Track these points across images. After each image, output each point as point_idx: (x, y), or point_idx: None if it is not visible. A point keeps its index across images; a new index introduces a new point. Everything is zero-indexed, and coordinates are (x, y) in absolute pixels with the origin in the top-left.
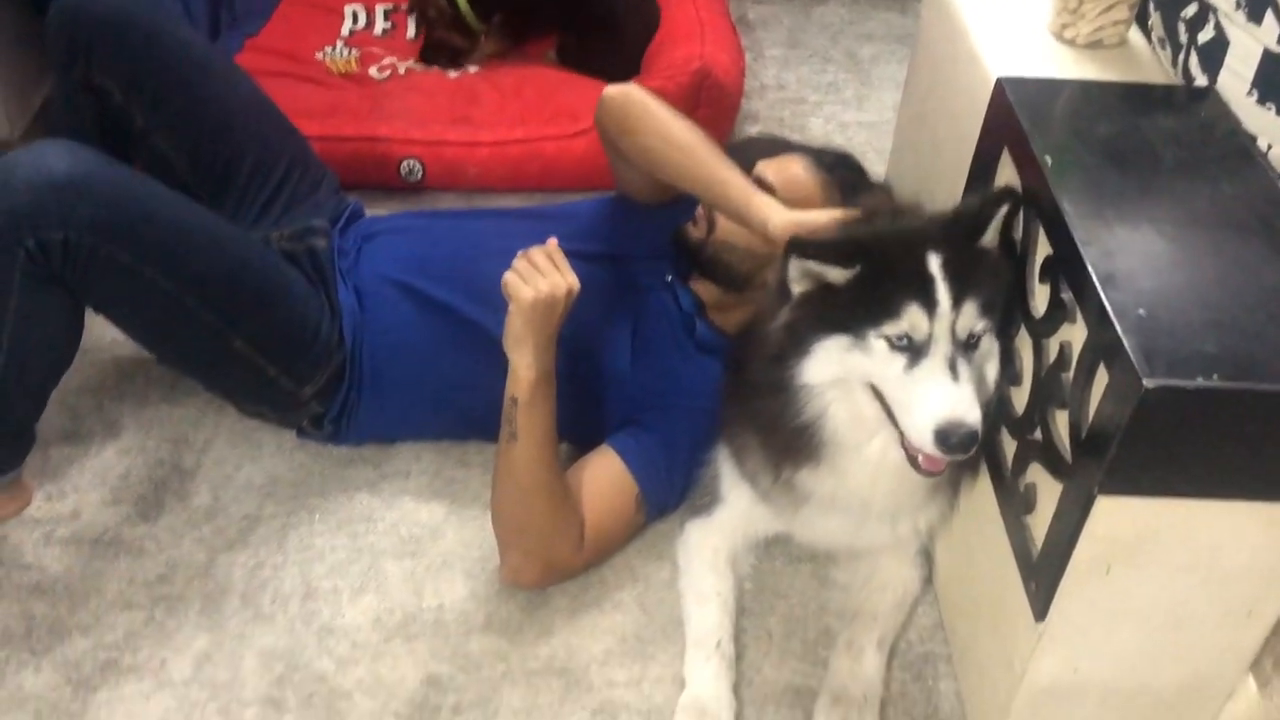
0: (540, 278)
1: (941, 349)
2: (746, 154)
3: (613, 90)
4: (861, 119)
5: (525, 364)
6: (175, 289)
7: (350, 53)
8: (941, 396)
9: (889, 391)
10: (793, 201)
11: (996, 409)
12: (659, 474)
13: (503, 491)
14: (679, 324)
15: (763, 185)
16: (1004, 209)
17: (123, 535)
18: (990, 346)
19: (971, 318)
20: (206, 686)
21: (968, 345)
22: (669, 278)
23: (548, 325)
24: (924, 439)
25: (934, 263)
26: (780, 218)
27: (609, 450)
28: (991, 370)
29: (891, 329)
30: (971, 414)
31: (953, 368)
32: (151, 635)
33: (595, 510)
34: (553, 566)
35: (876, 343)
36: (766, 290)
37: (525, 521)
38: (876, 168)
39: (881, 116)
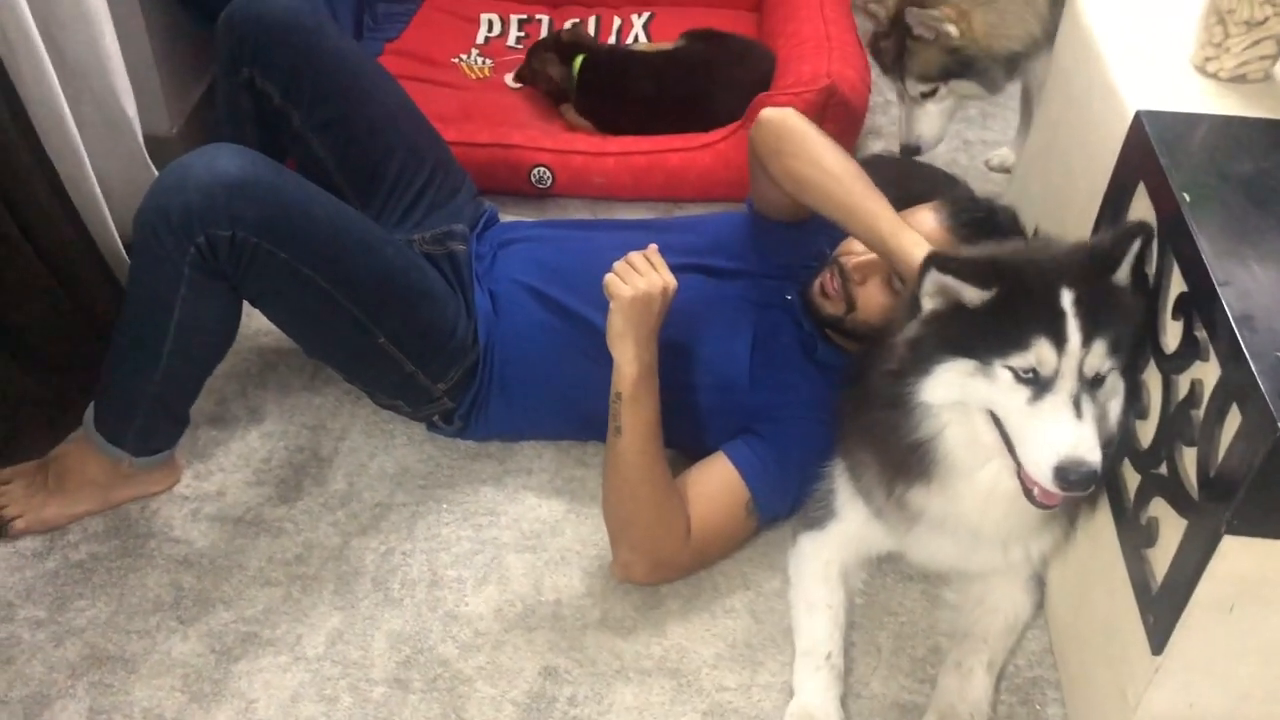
0: (638, 276)
1: (1067, 385)
2: (873, 173)
3: (771, 113)
4: (986, 137)
5: (627, 359)
6: (328, 287)
7: (485, 61)
8: (1064, 434)
9: (1010, 422)
10: None
11: (1120, 441)
12: (770, 480)
13: (610, 484)
14: (798, 342)
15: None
16: (1137, 244)
17: (264, 515)
18: (1115, 384)
19: (1100, 356)
20: (338, 663)
21: (1094, 383)
22: (789, 297)
23: (646, 321)
24: (1043, 474)
25: (1067, 298)
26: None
27: (721, 456)
28: (1115, 407)
29: (1019, 361)
30: (1093, 454)
31: (1077, 405)
32: (289, 611)
33: (704, 510)
34: (660, 561)
35: (1001, 372)
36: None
37: (631, 513)
38: (999, 188)
39: (1005, 136)
